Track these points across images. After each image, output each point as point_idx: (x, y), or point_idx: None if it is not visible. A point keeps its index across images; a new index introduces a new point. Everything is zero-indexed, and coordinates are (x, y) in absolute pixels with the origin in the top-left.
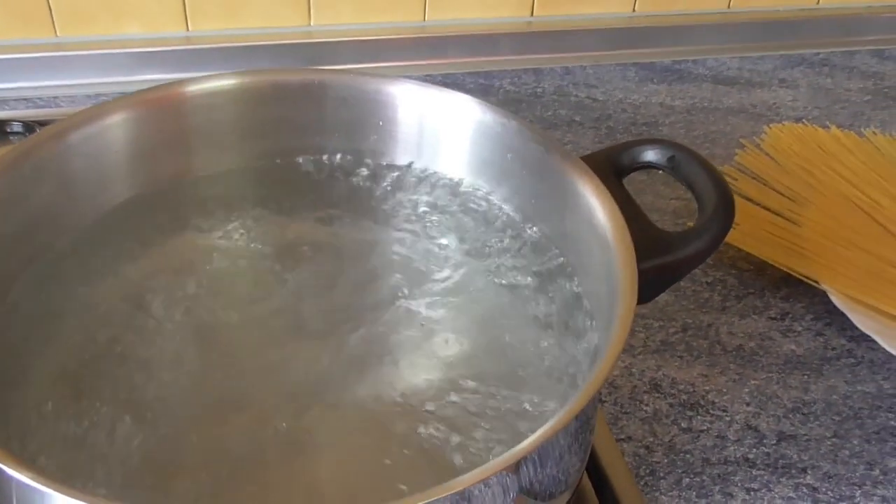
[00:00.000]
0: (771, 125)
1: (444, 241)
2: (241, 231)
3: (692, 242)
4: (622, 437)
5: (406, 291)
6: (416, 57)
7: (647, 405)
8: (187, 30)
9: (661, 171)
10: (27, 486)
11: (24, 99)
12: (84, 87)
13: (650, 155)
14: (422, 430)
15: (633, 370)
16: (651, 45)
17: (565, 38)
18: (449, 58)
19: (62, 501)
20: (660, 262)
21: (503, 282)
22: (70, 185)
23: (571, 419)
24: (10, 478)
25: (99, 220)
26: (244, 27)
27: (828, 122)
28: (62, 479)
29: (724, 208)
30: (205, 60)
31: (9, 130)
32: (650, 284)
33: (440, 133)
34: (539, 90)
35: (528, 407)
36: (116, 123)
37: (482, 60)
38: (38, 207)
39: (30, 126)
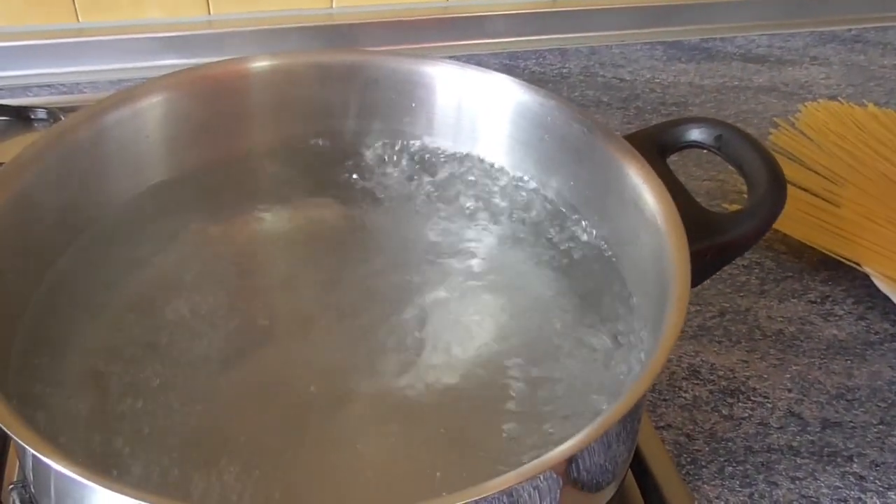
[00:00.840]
0: (806, 103)
1: (480, 223)
2: (272, 213)
3: (744, 223)
4: (661, 424)
5: (441, 274)
6: (439, 38)
7: (686, 392)
8: (209, 14)
9: (705, 151)
10: (67, 477)
11: (47, 85)
12: (106, 73)
13: (696, 134)
14: (462, 415)
15: (671, 356)
16: (678, 23)
17: (590, 17)
18: (472, 38)
19: (101, 494)
20: (709, 245)
21: (540, 265)
22: (103, 168)
23: (631, 408)
24: (50, 468)
25: (132, 203)
26: (266, 10)
27: (864, 100)
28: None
29: (775, 188)
30: (227, 44)
31: (33, 117)
32: (700, 268)
33: (478, 114)
34: (565, 70)
35: (568, 398)
36: (148, 107)
37: (506, 41)
38: (73, 190)
39: (53, 112)
